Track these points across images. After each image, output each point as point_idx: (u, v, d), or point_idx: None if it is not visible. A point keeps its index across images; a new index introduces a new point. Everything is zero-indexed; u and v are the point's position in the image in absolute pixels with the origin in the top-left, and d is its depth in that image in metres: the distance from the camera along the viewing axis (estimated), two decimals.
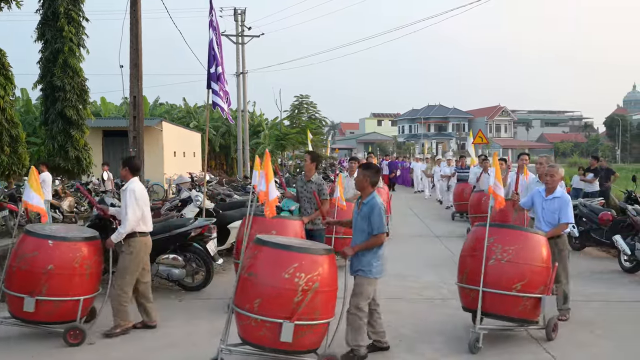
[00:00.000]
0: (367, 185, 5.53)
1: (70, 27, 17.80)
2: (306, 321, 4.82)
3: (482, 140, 23.86)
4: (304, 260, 4.87)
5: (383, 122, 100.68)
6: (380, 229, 5.36)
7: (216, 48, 9.55)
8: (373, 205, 5.39)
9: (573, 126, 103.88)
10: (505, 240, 5.84)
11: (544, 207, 6.66)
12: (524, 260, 5.75)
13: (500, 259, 5.73)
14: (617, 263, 9.63)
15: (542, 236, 6.06)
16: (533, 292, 5.71)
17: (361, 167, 5.78)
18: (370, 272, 5.39)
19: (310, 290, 4.79)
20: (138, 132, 11.08)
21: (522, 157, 9.20)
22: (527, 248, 5.84)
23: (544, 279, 5.79)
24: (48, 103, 18.26)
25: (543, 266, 5.82)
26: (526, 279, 5.68)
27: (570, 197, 14.24)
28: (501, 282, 5.69)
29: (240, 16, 29.51)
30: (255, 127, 40.24)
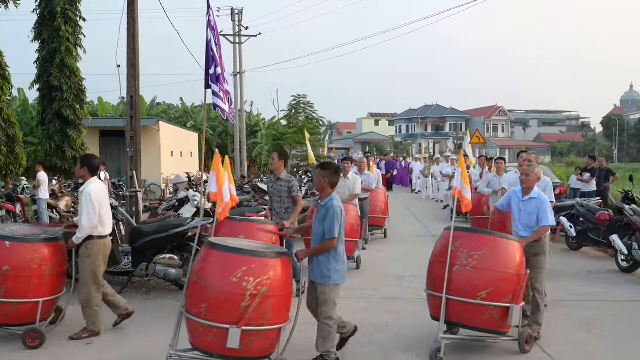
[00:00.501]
0: (326, 186, 5.32)
1: (67, 26, 17.76)
2: (255, 327, 4.66)
3: (479, 140, 23.88)
4: (253, 264, 4.71)
5: (380, 122, 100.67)
6: (330, 234, 5.13)
7: (215, 49, 9.52)
8: (329, 208, 5.19)
9: (570, 126, 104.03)
10: (472, 245, 5.50)
11: (520, 209, 6.20)
12: (490, 266, 5.39)
13: (465, 264, 5.41)
14: (614, 263, 9.66)
15: (515, 241, 5.67)
16: (500, 301, 5.36)
17: (319, 167, 5.53)
18: (330, 279, 5.19)
19: (259, 294, 4.63)
20: (135, 132, 11.04)
21: (522, 156, 8.95)
22: (494, 254, 5.47)
23: (514, 288, 5.43)
24: (45, 103, 18.22)
25: (513, 273, 5.45)
26: (492, 287, 5.33)
27: (567, 197, 14.23)
28: (465, 290, 5.37)
29: (238, 16, 29.53)
30: (252, 127, 40.23)
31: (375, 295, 7.92)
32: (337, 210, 5.16)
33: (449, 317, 5.44)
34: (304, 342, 5.54)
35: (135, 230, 8.24)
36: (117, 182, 20.20)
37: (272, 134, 39.44)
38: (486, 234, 5.81)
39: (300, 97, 41.67)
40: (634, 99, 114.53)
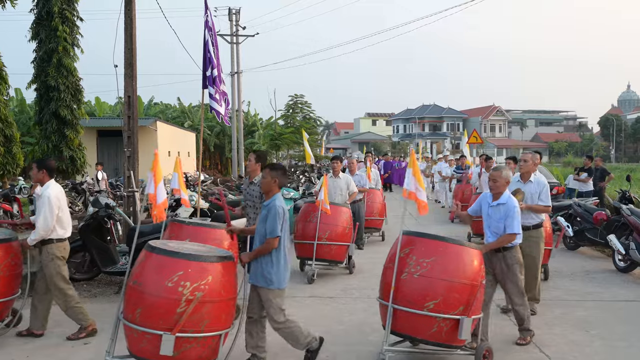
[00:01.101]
0: (275, 186, 5.17)
1: (64, 26, 17.76)
2: (191, 333, 4.48)
3: (476, 140, 23.89)
4: (190, 268, 4.53)
5: (377, 121, 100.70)
6: (272, 233, 4.96)
7: (212, 49, 9.51)
8: (271, 208, 5.04)
9: (567, 126, 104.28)
10: (421, 252, 5.12)
11: (489, 215, 5.87)
12: (439, 275, 4.99)
13: (413, 272, 5.03)
14: (612, 262, 9.66)
15: (472, 248, 5.24)
16: (449, 313, 4.94)
17: (268, 167, 5.31)
18: (272, 283, 5.01)
19: (195, 300, 4.45)
20: (132, 131, 11.04)
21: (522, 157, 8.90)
22: (445, 261, 5.05)
23: (465, 298, 4.99)
24: (42, 103, 18.22)
25: (465, 283, 5.01)
26: (440, 297, 4.94)
27: (564, 197, 14.20)
28: (412, 299, 5.00)
29: (235, 16, 29.50)
30: (249, 127, 40.26)
31: (373, 295, 7.89)
32: (278, 210, 5.00)
33: (396, 328, 5.13)
34: None
35: (133, 231, 8.22)
36: (114, 182, 20.17)
37: (269, 134, 39.46)
38: (437, 239, 5.28)
39: (298, 97, 41.72)
40: (631, 99, 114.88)
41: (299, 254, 8.98)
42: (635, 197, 12.01)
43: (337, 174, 9.95)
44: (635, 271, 9.26)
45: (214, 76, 9.17)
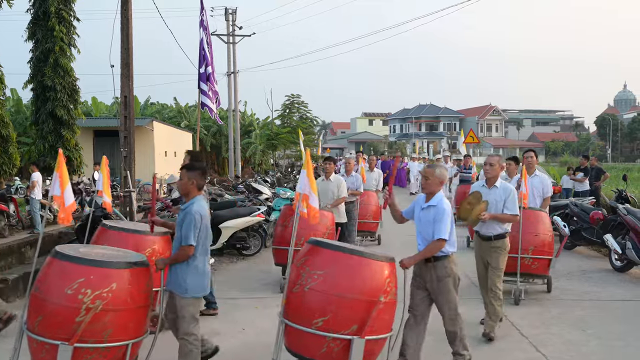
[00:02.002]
0: (193, 188, 4.87)
1: (61, 26, 17.71)
2: (91, 344, 4.23)
3: (473, 139, 23.94)
4: (92, 274, 4.29)
5: (374, 121, 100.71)
6: (186, 240, 4.67)
7: (206, 48, 9.54)
8: (187, 213, 4.74)
9: (564, 125, 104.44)
10: (315, 262, 4.62)
11: (420, 218, 5.22)
12: (331, 289, 4.44)
13: (304, 285, 4.54)
14: (608, 262, 9.70)
15: (379, 261, 4.63)
16: (339, 332, 4.39)
17: (184, 168, 5.01)
18: (186, 291, 4.73)
19: (96, 308, 4.21)
20: (129, 131, 11.03)
21: (527, 155, 8.35)
22: (339, 274, 4.50)
23: (360, 317, 4.41)
24: (39, 103, 18.17)
25: (360, 299, 4.44)
26: (330, 314, 4.40)
27: (560, 197, 14.20)
28: (301, 315, 4.51)
29: (231, 16, 29.45)
30: (246, 127, 40.18)
31: None
32: (194, 216, 4.70)
33: (289, 346, 4.70)
34: None
35: None
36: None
37: (266, 134, 39.39)
38: (334, 249, 4.70)
39: (294, 97, 41.67)
40: (628, 98, 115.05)
41: (277, 261, 8.50)
42: (632, 197, 12.06)
43: (329, 175, 9.34)
44: (631, 270, 9.29)
45: (208, 73, 9.20)
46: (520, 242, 7.29)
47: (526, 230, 7.41)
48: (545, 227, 7.66)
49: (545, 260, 7.57)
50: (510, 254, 6.91)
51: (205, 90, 9.48)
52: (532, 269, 7.56)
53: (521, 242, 7.30)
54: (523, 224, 7.28)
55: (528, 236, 7.42)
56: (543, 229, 7.61)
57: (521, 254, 7.34)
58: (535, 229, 7.54)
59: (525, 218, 7.36)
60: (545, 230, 7.63)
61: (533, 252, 7.47)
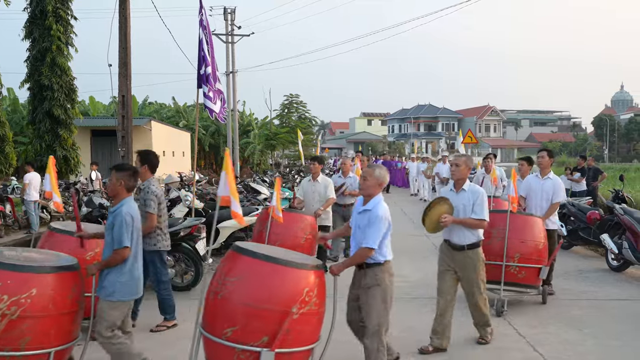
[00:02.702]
0: (122, 190, 4.74)
1: (58, 25, 17.70)
2: (7, 352, 4.06)
3: (471, 139, 23.94)
4: (10, 279, 4.10)
5: (373, 121, 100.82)
6: (120, 243, 4.51)
7: (206, 48, 9.51)
8: (117, 215, 4.58)
9: (561, 126, 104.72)
10: (230, 269, 4.37)
11: (356, 221, 4.88)
12: (242, 297, 4.19)
13: (218, 292, 4.30)
14: (605, 262, 9.71)
15: (300, 269, 4.33)
16: (248, 343, 4.12)
17: (113, 169, 4.84)
18: (113, 294, 4.56)
19: (12, 314, 4.03)
20: (127, 131, 11.04)
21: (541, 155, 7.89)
22: (252, 282, 4.24)
23: (270, 328, 4.14)
24: (35, 102, 18.15)
25: (272, 310, 4.15)
26: (240, 324, 4.15)
27: None
28: (213, 324, 4.29)
29: (230, 15, 29.45)
30: (245, 127, 40.18)
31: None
32: (125, 217, 4.57)
33: (206, 356, 4.44)
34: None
35: None
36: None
37: (264, 134, 39.42)
38: (251, 255, 4.37)
39: (293, 97, 41.71)
40: (625, 99, 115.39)
41: None
42: (628, 197, 12.09)
43: (316, 176, 8.90)
44: (628, 270, 9.30)
45: (208, 74, 9.17)
46: (506, 248, 6.89)
47: (512, 236, 6.95)
48: (535, 233, 7.10)
49: (533, 269, 7.03)
50: (495, 261, 6.74)
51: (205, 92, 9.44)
52: (518, 278, 7.02)
53: (506, 248, 6.89)
54: (510, 230, 6.92)
55: (514, 243, 6.95)
56: (532, 236, 7.08)
57: (506, 261, 6.88)
58: (522, 235, 7.04)
59: (512, 223, 6.96)
60: (535, 236, 7.09)
61: (519, 259, 6.95)
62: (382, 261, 4.72)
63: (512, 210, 6.97)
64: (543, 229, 7.20)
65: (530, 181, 7.87)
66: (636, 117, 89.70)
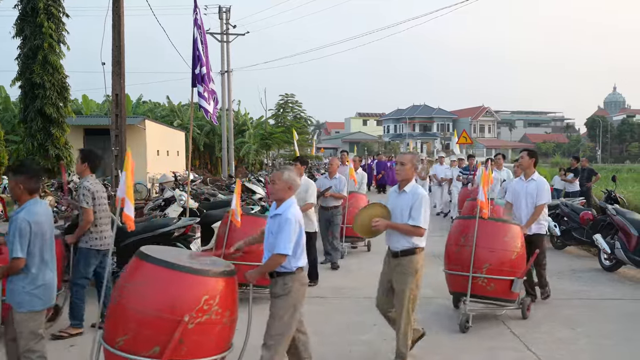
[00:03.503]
0: (23, 193, 4.37)
1: (50, 23, 17.55)
2: None
3: (466, 140, 24.00)
4: None
5: (368, 121, 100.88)
6: (12, 252, 4.18)
7: (200, 48, 9.47)
8: (12, 221, 4.26)
9: (555, 127, 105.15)
10: (131, 274, 4.16)
11: (268, 227, 4.56)
12: (134, 304, 3.95)
13: (117, 298, 4.08)
14: (598, 261, 9.75)
15: (198, 275, 4.04)
16: (140, 353, 3.87)
17: (10, 171, 4.54)
18: (21, 305, 4.26)
19: None
20: (120, 130, 10.99)
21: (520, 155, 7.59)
22: (145, 288, 4.00)
23: (161, 337, 3.86)
24: (27, 100, 17.99)
25: (163, 318, 3.88)
26: (130, 333, 3.90)
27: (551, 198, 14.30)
28: (109, 331, 4.06)
29: (225, 14, 29.38)
30: (240, 126, 40.13)
31: (360, 295, 7.88)
32: (20, 224, 4.20)
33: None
34: None
35: (121, 230, 8.15)
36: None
37: (259, 134, 39.35)
38: (148, 260, 4.10)
39: (288, 97, 41.62)
40: (617, 100, 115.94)
41: None
42: (621, 197, 12.12)
43: (300, 177, 7.92)
44: (620, 270, 9.35)
45: (203, 74, 9.13)
46: (473, 258, 6.27)
47: (481, 245, 6.32)
48: (507, 242, 6.41)
49: (504, 281, 6.35)
50: (461, 271, 6.36)
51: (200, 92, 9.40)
52: (487, 291, 6.38)
53: (474, 258, 6.27)
54: (478, 237, 6.31)
55: (483, 252, 6.31)
56: (503, 244, 6.39)
57: (473, 272, 6.28)
58: (491, 244, 6.35)
59: (482, 230, 6.36)
60: (507, 245, 6.40)
61: (488, 270, 6.30)
62: (293, 269, 4.42)
63: (483, 216, 6.39)
64: (519, 236, 6.55)
65: (514, 185, 7.52)
66: (629, 119, 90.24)
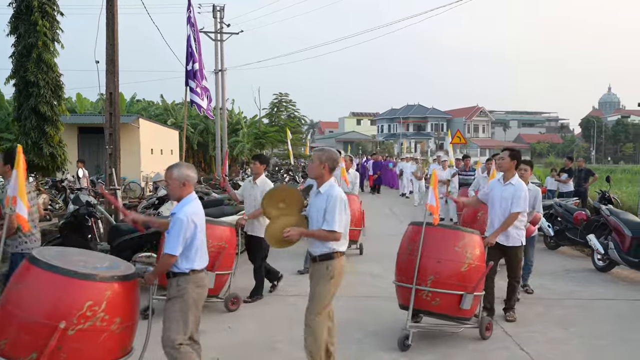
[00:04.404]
0: None
1: (44, 21, 17.47)
2: None
3: (460, 140, 24.01)
4: None
5: (362, 121, 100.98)
6: None
7: (193, 45, 9.48)
8: None
9: (549, 127, 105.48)
10: (16, 275, 4.04)
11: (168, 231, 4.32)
12: (13, 308, 3.83)
13: (4, 300, 3.95)
14: (591, 262, 9.78)
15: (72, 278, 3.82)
16: (18, 359, 3.74)
17: None
18: None
19: None
20: (114, 129, 10.94)
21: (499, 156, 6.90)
22: (25, 292, 3.87)
23: (40, 343, 3.71)
24: (21, 99, 17.91)
25: (41, 323, 3.72)
26: (8, 337, 3.78)
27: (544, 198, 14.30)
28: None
29: (219, 13, 29.33)
30: (233, 125, 40.05)
31: (350, 294, 7.84)
32: None
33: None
34: None
35: (114, 229, 8.15)
36: (95, 179, 19.99)
37: (253, 133, 39.35)
38: (34, 263, 3.92)
39: (282, 96, 41.65)
40: (612, 101, 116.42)
41: None
42: (615, 198, 12.19)
43: (257, 177, 7.60)
44: (613, 270, 9.38)
45: (195, 70, 9.13)
46: (417, 268, 5.62)
47: (427, 254, 5.66)
48: (459, 252, 5.69)
49: (451, 296, 5.63)
50: (406, 283, 5.71)
51: (193, 87, 9.41)
52: (432, 306, 5.67)
53: (417, 268, 5.61)
54: (424, 246, 5.67)
55: (428, 262, 5.64)
56: (453, 254, 5.67)
57: (417, 284, 5.61)
58: (439, 253, 5.66)
59: (430, 237, 5.72)
60: (457, 255, 5.68)
61: (432, 283, 5.60)
62: (186, 271, 4.23)
63: (433, 222, 5.79)
64: (476, 246, 5.81)
65: (491, 186, 6.76)
66: (623, 119, 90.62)
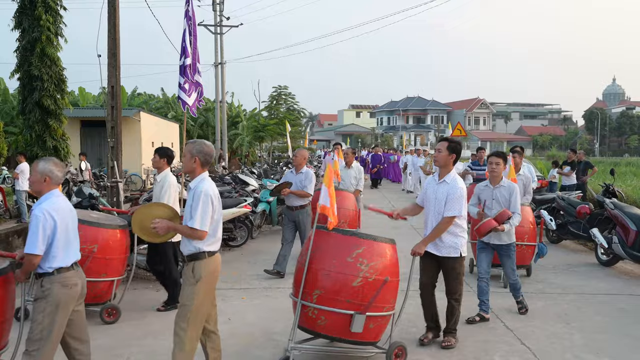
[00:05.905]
0: None
1: (47, 15, 17.50)
2: None
3: (460, 132, 23.97)
4: None
5: (362, 113, 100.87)
6: None
7: (188, 39, 9.44)
8: None
9: (552, 119, 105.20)
10: None
11: None
12: None
13: None
14: (594, 256, 9.77)
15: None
16: None
17: None
18: None
19: None
20: (116, 122, 10.98)
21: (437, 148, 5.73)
22: None
23: None
24: (25, 92, 17.98)
25: None
26: None
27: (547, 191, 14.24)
28: None
29: (219, 6, 29.30)
30: (233, 118, 40.07)
31: None
32: None
33: None
34: None
35: None
36: (97, 172, 20.06)
37: (253, 125, 39.35)
38: None
39: (282, 88, 41.62)
40: (616, 92, 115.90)
41: None
42: (619, 191, 12.15)
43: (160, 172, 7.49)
44: (617, 265, 9.37)
45: (186, 65, 9.11)
46: (303, 280, 4.81)
47: (315, 265, 4.83)
48: (352, 263, 4.71)
49: (340, 316, 4.70)
50: (295, 296, 4.92)
51: (181, 83, 9.40)
52: (319, 326, 4.77)
53: (304, 280, 4.81)
54: (314, 254, 4.87)
55: (316, 273, 4.81)
56: (344, 266, 4.71)
57: (302, 298, 4.81)
58: (327, 264, 4.77)
59: (322, 244, 4.90)
60: (349, 268, 4.70)
61: (318, 298, 4.74)
62: (49, 270, 4.04)
63: (328, 225, 4.91)
64: (377, 256, 4.84)
65: (427, 184, 5.83)
66: (628, 111, 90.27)
